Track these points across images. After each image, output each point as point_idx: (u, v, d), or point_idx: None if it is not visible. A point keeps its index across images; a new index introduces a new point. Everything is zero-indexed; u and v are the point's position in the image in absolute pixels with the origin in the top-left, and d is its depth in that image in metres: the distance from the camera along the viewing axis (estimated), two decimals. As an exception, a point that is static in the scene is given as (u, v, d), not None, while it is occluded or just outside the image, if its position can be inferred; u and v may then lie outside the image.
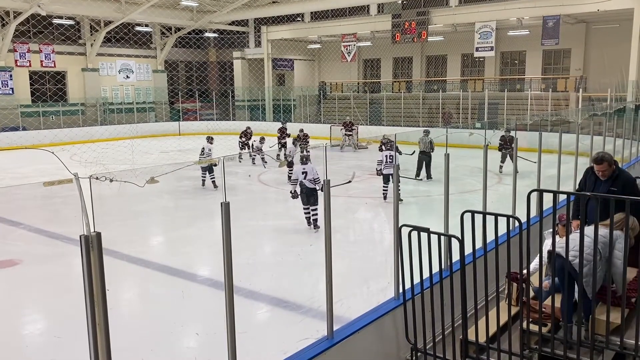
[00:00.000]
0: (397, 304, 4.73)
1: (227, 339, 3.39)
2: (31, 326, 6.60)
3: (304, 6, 29.14)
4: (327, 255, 4.12)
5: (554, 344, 4.12)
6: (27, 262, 8.61)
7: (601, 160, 5.07)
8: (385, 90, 31.49)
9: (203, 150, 14.81)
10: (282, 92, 33.77)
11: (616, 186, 4.99)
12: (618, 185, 5.00)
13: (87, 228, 2.60)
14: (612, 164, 5.11)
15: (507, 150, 14.41)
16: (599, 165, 5.07)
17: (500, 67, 29.92)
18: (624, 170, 5.35)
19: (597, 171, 5.12)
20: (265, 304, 6.89)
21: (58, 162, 3.63)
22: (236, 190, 14.16)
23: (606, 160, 5.09)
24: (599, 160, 5.08)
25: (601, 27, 25.26)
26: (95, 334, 2.67)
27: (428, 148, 14.59)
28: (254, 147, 19.05)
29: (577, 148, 9.03)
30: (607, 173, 5.08)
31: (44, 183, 2.87)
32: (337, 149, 21.80)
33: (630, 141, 13.48)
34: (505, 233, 4.32)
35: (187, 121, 32.13)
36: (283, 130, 20.39)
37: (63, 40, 29.24)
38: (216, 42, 35.12)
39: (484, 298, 4.35)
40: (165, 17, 29.09)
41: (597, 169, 5.10)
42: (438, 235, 4.22)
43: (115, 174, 2.92)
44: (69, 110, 29.03)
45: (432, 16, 25.87)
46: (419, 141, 14.75)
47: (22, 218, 11.17)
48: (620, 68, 21.86)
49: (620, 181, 5.05)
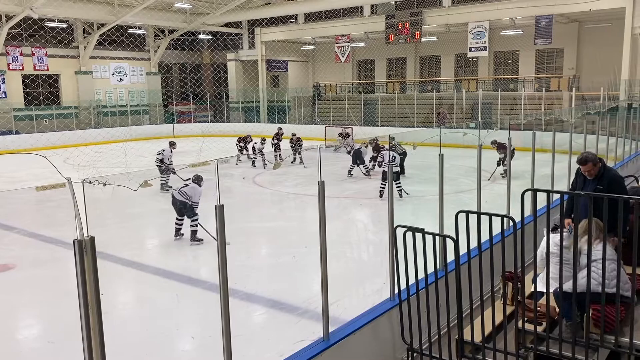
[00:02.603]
0: (392, 304, 4.73)
1: (223, 341, 3.38)
2: (26, 331, 6.57)
3: (298, 7, 29.16)
4: (322, 256, 4.12)
5: (549, 343, 4.14)
6: (21, 267, 8.56)
7: (585, 160, 5.15)
8: (380, 91, 31.54)
9: (161, 153, 14.38)
10: (276, 94, 33.77)
11: (602, 184, 5.06)
12: (604, 184, 5.07)
13: (80, 232, 2.58)
14: (597, 163, 5.17)
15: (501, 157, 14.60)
16: (583, 166, 5.15)
17: (494, 66, 30.03)
18: (610, 169, 5.40)
19: (583, 171, 5.19)
20: (260, 306, 6.87)
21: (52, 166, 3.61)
22: (231, 193, 14.15)
23: (590, 160, 5.16)
24: (582, 161, 5.16)
25: (593, 27, 25.39)
26: (89, 339, 2.65)
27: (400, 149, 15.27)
28: (255, 148, 18.93)
29: (570, 147, 9.07)
30: (593, 172, 5.15)
31: (36, 188, 2.86)
32: (331, 150, 21.80)
33: (623, 140, 13.55)
34: (499, 233, 4.33)
35: (182, 123, 32.05)
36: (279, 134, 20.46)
37: (56, 43, 29.11)
38: (210, 44, 35.07)
39: (479, 298, 4.36)
40: (158, 19, 29.04)
41: (583, 170, 5.18)
42: (433, 235, 4.23)
43: (109, 177, 2.90)
44: (62, 114, 28.91)
45: (425, 17, 25.93)
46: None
47: (15, 222, 11.11)
48: (612, 67, 21.96)
49: (606, 179, 5.12)
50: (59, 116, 28.61)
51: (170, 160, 14.30)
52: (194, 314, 6.76)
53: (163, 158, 14.24)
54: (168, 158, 14.29)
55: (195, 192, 9.49)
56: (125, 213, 11.71)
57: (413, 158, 15.33)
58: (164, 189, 13.51)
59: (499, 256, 4.11)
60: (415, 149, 5.94)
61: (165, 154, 14.32)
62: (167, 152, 14.39)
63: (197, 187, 9.57)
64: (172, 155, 14.61)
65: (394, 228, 4.47)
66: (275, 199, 14.17)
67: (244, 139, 19.80)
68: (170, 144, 14.84)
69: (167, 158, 14.27)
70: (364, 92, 31.84)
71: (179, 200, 9.53)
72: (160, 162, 14.18)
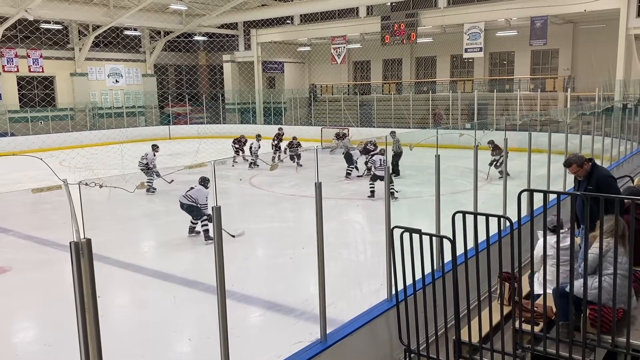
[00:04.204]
0: (390, 305, 4.73)
1: (220, 343, 3.37)
2: (22, 334, 6.54)
3: (293, 9, 29.16)
4: (320, 257, 4.11)
5: (546, 343, 4.14)
6: (17, 269, 8.53)
7: (568, 163, 5.20)
8: (376, 92, 31.57)
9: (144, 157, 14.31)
10: (272, 95, 33.75)
11: (591, 184, 5.08)
12: (592, 183, 5.09)
13: (77, 234, 2.57)
14: (583, 164, 5.19)
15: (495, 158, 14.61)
16: (569, 168, 5.18)
17: (489, 67, 30.09)
18: (598, 168, 5.42)
19: (570, 173, 5.24)
20: (258, 308, 6.86)
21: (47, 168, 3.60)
22: (228, 194, 14.13)
23: (573, 162, 5.20)
24: (566, 164, 5.22)
25: (588, 27, 25.49)
26: (86, 341, 2.64)
27: (398, 149, 15.47)
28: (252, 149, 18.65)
29: (566, 147, 9.10)
30: (580, 173, 5.17)
31: (32, 190, 2.85)
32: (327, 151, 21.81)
33: (618, 140, 13.61)
34: (496, 233, 4.34)
35: (178, 125, 32.00)
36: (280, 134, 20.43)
37: (51, 45, 29.04)
38: (206, 46, 35.04)
39: (477, 298, 4.36)
40: (154, 20, 28.98)
41: (570, 172, 5.22)
42: (430, 236, 4.23)
43: (105, 179, 2.90)
44: (57, 116, 28.82)
45: (421, 18, 25.97)
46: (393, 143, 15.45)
47: (11, 225, 11.06)
48: (607, 67, 22.03)
49: (594, 179, 5.14)
50: (55, 118, 28.52)
51: (154, 163, 14.22)
52: (191, 315, 6.75)
53: (147, 162, 14.17)
54: (152, 162, 14.21)
55: (200, 194, 9.53)
56: (121, 215, 11.68)
57: (409, 159, 15.35)
58: (149, 192, 13.79)
59: (495, 257, 4.12)
60: (412, 149, 5.95)
61: (149, 158, 14.24)
62: (150, 156, 14.29)
63: (202, 189, 9.60)
64: (156, 158, 14.55)
65: (391, 229, 4.47)
66: (272, 200, 14.16)
67: (238, 140, 19.76)
68: (153, 147, 14.74)
69: (151, 162, 14.21)
70: (360, 93, 31.86)
71: (186, 204, 9.60)
72: (145, 167, 14.14)
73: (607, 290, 3.92)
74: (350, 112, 30.17)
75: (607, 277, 3.96)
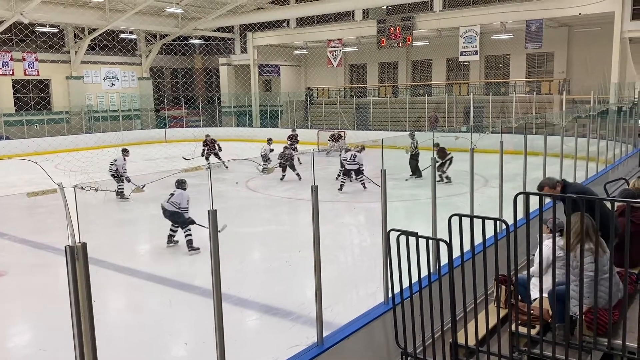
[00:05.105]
0: (386, 308, 4.73)
1: (217, 347, 3.36)
2: (17, 338, 6.51)
3: (290, 12, 29.21)
4: (316, 261, 4.11)
5: (543, 346, 4.15)
6: (12, 273, 8.49)
7: (540, 187, 5.28)
8: (372, 95, 31.62)
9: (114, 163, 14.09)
10: (268, 98, 33.76)
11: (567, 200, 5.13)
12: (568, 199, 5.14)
13: (72, 238, 2.56)
14: (555, 186, 5.25)
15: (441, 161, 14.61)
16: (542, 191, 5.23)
17: (485, 70, 30.21)
18: (570, 185, 5.47)
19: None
20: (254, 311, 6.85)
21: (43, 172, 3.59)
22: (224, 197, 14.10)
23: (545, 184, 5.28)
24: (539, 188, 5.28)
25: (583, 31, 25.62)
26: (81, 346, 2.63)
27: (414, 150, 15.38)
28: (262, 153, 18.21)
29: (562, 150, 9.13)
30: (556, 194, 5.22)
31: (27, 194, 2.84)
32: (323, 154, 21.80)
33: (613, 142, 13.65)
34: (492, 236, 4.34)
35: (174, 128, 31.95)
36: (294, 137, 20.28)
37: (47, 48, 28.95)
38: (202, 49, 35.04)
39: (473, 301, 4.36)
40: (150, 24, 28.95)
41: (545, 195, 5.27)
42: (426, 239, 4.23)
43: (101, 183, 2.89)
44: (53, 119, 28.74)
45: (416, 21, 26.05)
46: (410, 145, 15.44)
47: (6, 229, 11.02)
48: (602, 70, 22.15)
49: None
50: (50, 121, 28.43)
51: (124, 168, 14.03)
52: (187, 319, 6.73)
53: (117, 168, 13.97)
54: (122, 167, 14.04)
55: (182, 198, 9.36)
56: (116, 218, 11.64)
57: (406, 161, 15.38)
58: (123, 198, 13.46)
59: (492, 259, 4.12)
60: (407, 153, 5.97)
61: (119, 163, 14.04)
62: (120, 162, 14.10)
63: (183, 192, 9.42)
64: (126, 163, 14.36)
65: (388, 232, 4.47)
66: (268, 203, 14.15)
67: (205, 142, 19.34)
68: (123, 152, 14.60)
69: (122, 167, 14.03)
70: (356, 96, 31.92)
71: (169, 210, 9.37)
72: (115, 172, 13.96)
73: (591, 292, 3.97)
74: (347, 115, 30.21)
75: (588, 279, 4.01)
